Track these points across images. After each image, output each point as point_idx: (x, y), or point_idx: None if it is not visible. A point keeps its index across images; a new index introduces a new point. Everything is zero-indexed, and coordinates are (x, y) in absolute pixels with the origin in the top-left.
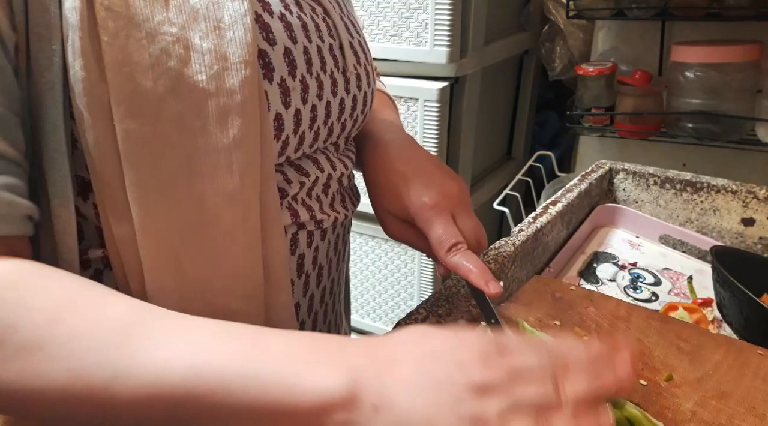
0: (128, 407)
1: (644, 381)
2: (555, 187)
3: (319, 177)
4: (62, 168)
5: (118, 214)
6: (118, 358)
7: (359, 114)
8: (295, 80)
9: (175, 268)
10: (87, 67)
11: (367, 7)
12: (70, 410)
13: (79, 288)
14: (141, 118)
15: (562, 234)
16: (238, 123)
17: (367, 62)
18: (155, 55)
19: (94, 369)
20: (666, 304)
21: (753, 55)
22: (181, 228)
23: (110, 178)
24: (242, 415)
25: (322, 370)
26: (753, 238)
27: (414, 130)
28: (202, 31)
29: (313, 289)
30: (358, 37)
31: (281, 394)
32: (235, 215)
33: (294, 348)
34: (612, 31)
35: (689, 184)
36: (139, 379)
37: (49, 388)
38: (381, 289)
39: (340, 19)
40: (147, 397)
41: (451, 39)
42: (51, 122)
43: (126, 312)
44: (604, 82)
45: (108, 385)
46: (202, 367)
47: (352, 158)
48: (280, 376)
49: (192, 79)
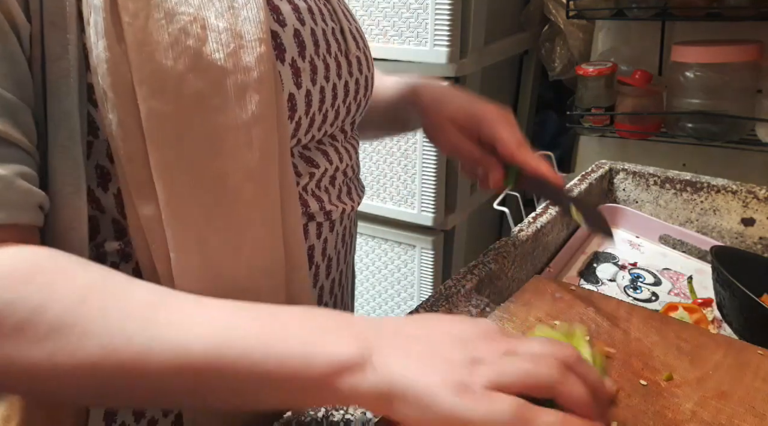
0: (156, 379)
1: (644, 381)
2: None
3: (328, 168)
4: (76, 156)
5: (144, 194)
6: (148, 333)
7: (362, 98)
8: (305, 61)
9: (201, 246)
10: (110, 47)
11: (367, 7)
12: (100, 386)
13: (101, 271)
14: (163, 97)
15: (562, 234)
16: (255, 99)
17: (366, 48)
18: (174, 35)
19: (126, 344)
20: (666, 304)
21: (753, 55)
22: (205, 205)
23: (135, 157)
24: (261, 384)
25: (333, 339)
26: (753, 238)
27: (414, 130)
28: (218, 10)
29: (323, 280)
30: (354, 24)
31: (298, 362)
32: (257, 190)
33: (308, 321)
34: (612, 31)
35: (689, 184)
36: (167, 352)
37: (82, 365)
38: (381, 289)
39: (338, 6)
40: (174, 369)
41: (451, 39)
42: (64, 111)
43: (150, 293)
44: (604, 82)
45: (138, 359)
46: (226, 340)
47: (355, 147)
48: (296, 347)
49: (210, 57)
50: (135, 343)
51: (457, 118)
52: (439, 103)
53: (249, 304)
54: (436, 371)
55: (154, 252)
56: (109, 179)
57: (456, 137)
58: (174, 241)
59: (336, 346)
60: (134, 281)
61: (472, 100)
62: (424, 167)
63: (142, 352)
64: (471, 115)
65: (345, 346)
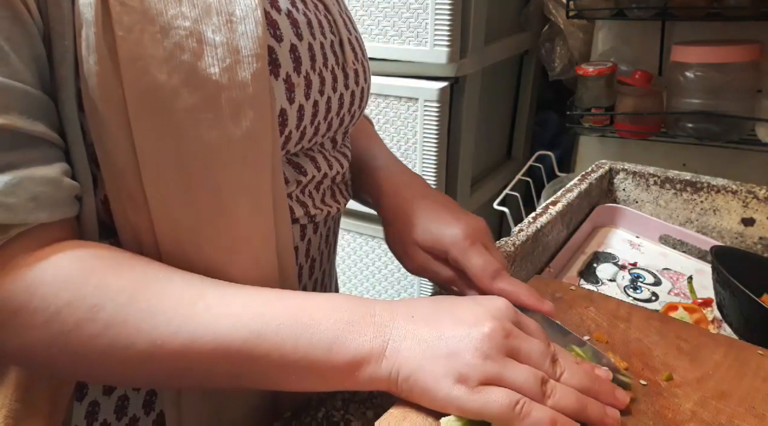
0: (200, 365)
1: (644, 381)
2: (555, 187)
3: (316, 175)
4: (82, 158)
5: (135, 203)
6: (191, 326)
7: (356, 109)
8: (300, 76)
9: (193, 257)
10: (101, 62)
11: (367, 7)
12: (151, 372)
13: (145, 267)
14: (155, 111)
15: (562, 234)
16: (250, 115)
17: (363, 58)
18: (169, 49)
19: (173, 337)
20: (666, 304)
21: (753, 55)
22: (198, 217)
23: (126, 170)
24: (290, 371)
25: (355, 333)
26: (753, 238)
27: (414, 130)
28: (215, 24)
29: (306, 281)
30: (355, 33)
31: (322, 354)
32: (250, 205)
33: (333, 312)
34: (612, 31)
35: (689, 184)
36: (208, 343)
37: (134, 356)
38: (381, 289)
39: (339, 16)
40: (215, 357)
41: (451, 39)
42: (66, 114)
43: (189, 286)
44: (604, 82)
45: (184, 349)
46: (261, 332)
47: (347, 155)
48: (323, 341)
49: (205, 72)
50: (180, 336)
51: (422, 244)
52: (402, 223)
53: (280, 293)
54: (439, 360)
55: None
56: (96, 185)
57: (423, 259)
58: (166, 251)
59: (357, 340)
60: (174, 275)
61: (438, 219)
62: (424, 167)
63: (187, 344)
64: (437, 240)
65: (366, 340)
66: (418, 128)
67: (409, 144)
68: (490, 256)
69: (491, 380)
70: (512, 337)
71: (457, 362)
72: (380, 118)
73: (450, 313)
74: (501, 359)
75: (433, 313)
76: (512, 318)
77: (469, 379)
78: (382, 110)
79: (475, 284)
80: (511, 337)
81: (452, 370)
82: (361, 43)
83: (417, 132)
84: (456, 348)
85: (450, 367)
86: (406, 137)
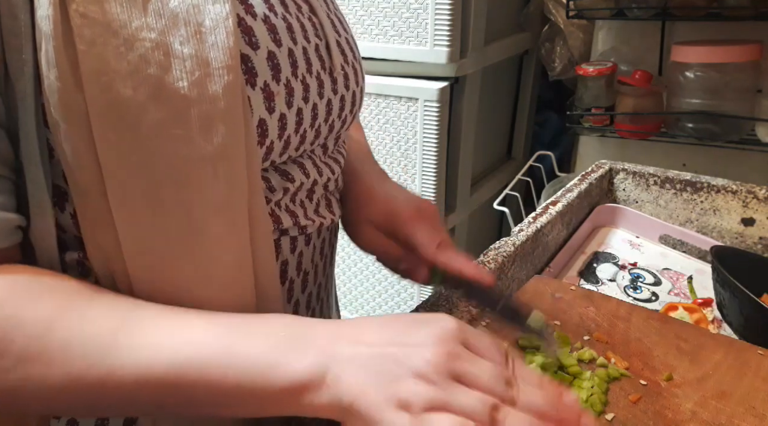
0: (119, 398)
1: (644, 381)
2: (555, 187)
3: (305, 182)
4: (37, 178)
5: (101, 222)
6: (108, 360)
7: (347, 114)
8: (279, 84)
9: (163, 278)
10: (62, 78)
11: (367, 7)
12: (69, 404)
13: (66, 294)
14: (121, 128)
15: (562, 234)
16: (222, 130)
17: (355, 61)
18: (134, 63)
19: (88, 371)
20: (666, 304)
21: (753, 55)
22: (168, 238)
23: (90, 186)
24: (221, 401)
25: (293, 357)
26: (753, 238)
27: (414, 130)
28: (183, 36)
29: (298, 295)
30: (345, 34)
31: (258, 380)
32: (224, 225)
33: (272, 336)
34: (612, 31)
35: (689, 184)
36: (127, 376)
37: (50, 391)
38: (381, 289)
39: (327, 17)
40: (136, 390)
41: (451, 39)
42: (24, 131)
43: (111, 315)
44: (604, 82)
45: (101, 383)
46: (186, 359)
47: (340, 162)
48: (257, 366)
49: (173, 86)
50: (96, 369)
51: (374, 219)
52: (356, 202)
53: (212, 317)
54: (381, 387)
55: (117, 279)
56: (67, 200)
57: (373, 235)
58: (134, 271)
59: (294, 366)
60: (96, 302)
61: (389, 198)
62: (424, 167)
63: (104, 377)
64: (387, 214)
65: (305, 365)
66: (418, 128)
67: (409, 144)
68: (437, 227)
69: (437, 407)
70: (460, 360)
71: (399, 388)
72: (380, 118)
73: (398, 333)
74: (447, 384)
75: (378, 336)
76: (461, 339)
77: (412, 405)
78: (382, 110)
79: (422, 261)
80: (458, 360)
81: (394, 396)
82: (352, 44)
83: (417, 132)
84: (398, 373)
85: (392, 393)
86: (406, 137)
